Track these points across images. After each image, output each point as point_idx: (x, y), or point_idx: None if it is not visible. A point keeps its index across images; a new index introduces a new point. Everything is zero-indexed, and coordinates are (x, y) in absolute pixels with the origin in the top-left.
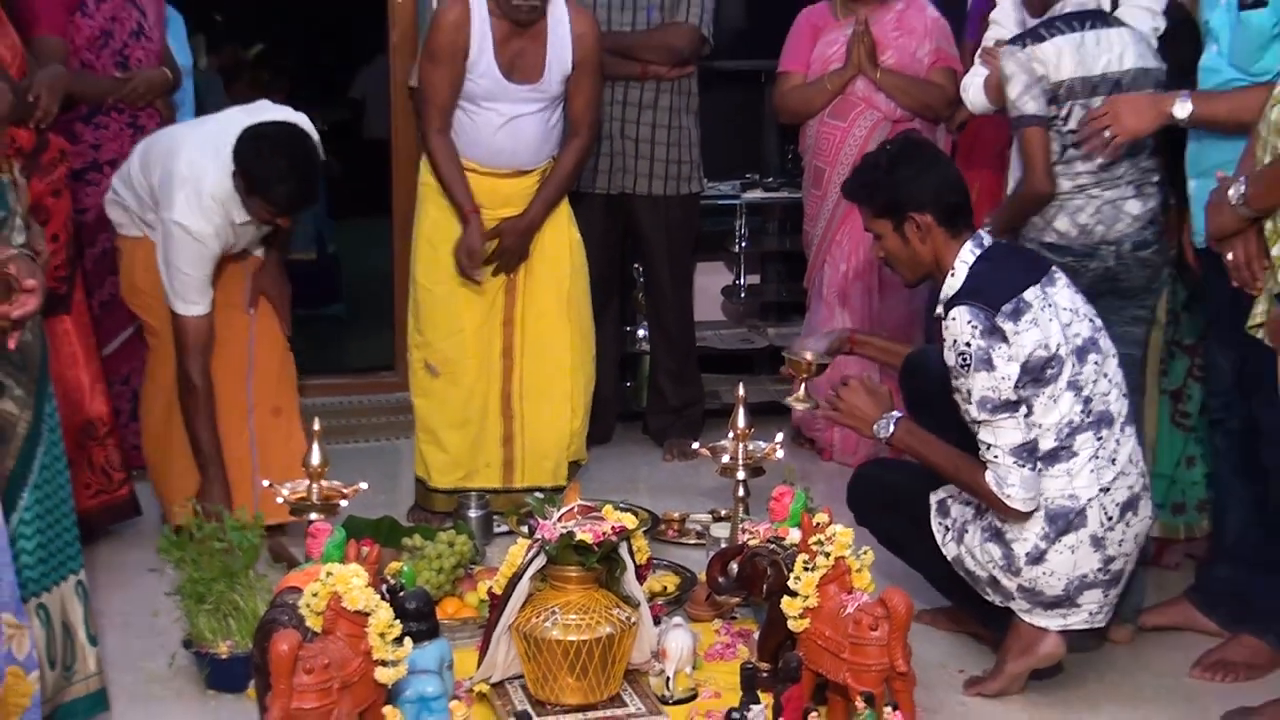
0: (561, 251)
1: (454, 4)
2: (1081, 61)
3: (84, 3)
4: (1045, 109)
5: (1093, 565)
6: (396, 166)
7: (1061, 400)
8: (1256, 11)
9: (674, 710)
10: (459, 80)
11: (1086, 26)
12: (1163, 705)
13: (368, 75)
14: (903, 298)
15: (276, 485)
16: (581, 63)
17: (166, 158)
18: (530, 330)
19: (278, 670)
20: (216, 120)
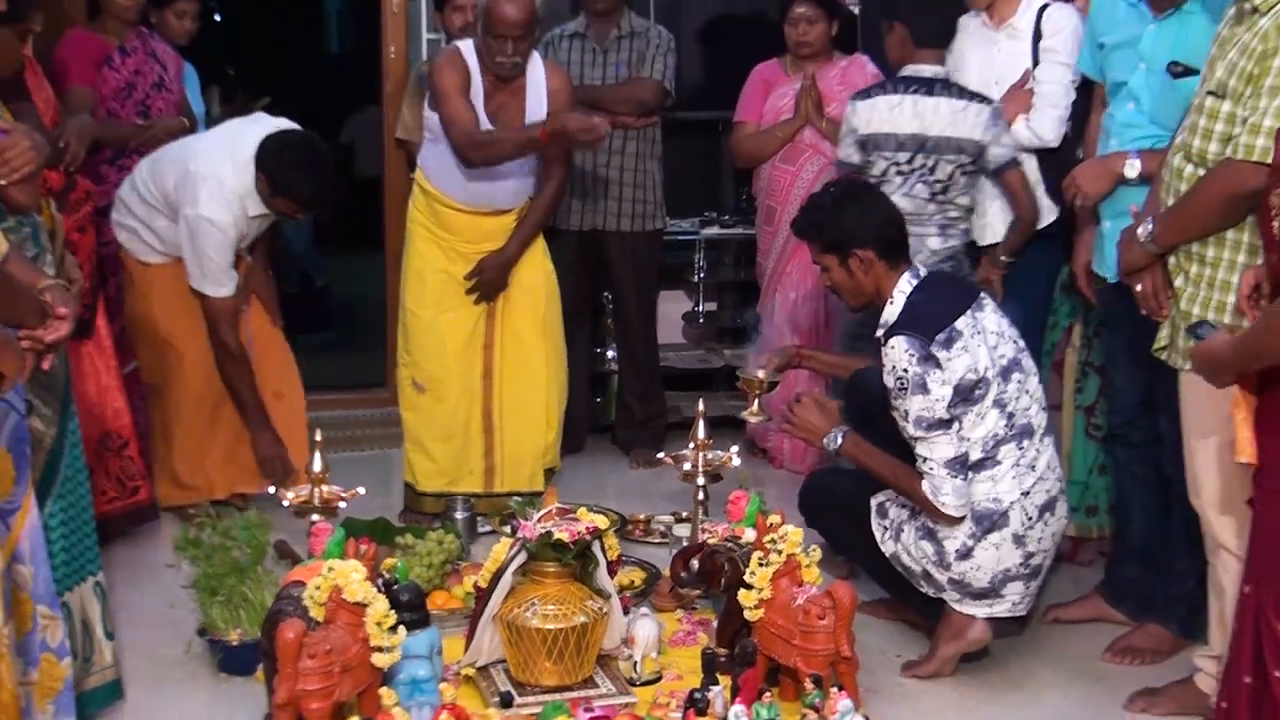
0: (537, 282)
1: (453, 55)
2: (890, 120)
3: (111, 58)
4: (851, 157)
5: (1015, 560)
6: (389, 206)
7: (988, 417)
8: (1189, 79)
9: (641, 691)
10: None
11: (911, 91)
12: (1078, 686)
13: (356, 122)
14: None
15: (282, 490)
16: (555, 114)
17: (179, 163)
18: (509, 353)
19: (284, 655)
20: (222, 129)
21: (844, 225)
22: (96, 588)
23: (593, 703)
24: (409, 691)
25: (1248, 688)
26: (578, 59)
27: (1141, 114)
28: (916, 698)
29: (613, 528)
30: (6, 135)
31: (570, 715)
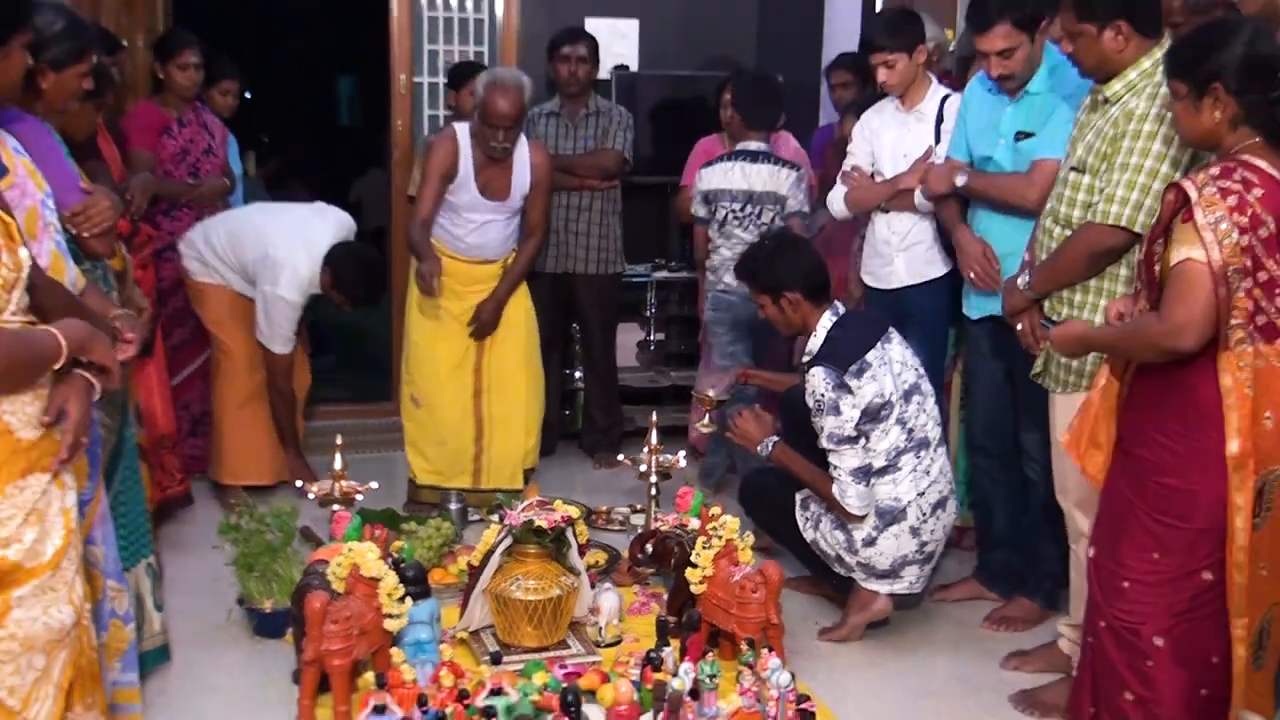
0: (519, 317)
1: (447, 139)
2: (726, 180)
3: (170, 128)
4: (699, 211)
5: (911, 548)
6: (395, 255)
7: (891, 432)
8: (1028, 140)
9: (605, 651)
10: (441, 196)
11: (742, 160)
12: (963, 648)
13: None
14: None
15: (308, 485)
16: (536, 185)
17: (260, 244)
18: (495, 375)
19: (311, 621)
20: (292, 214)
21: (776, 272)
22: (148, 568)
23: (566, 661)
24: (414, 651)
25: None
26: (553, 132)
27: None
28: (831, 657)
29: (581, 517)
30: (89, 196)
31: (548, 671)
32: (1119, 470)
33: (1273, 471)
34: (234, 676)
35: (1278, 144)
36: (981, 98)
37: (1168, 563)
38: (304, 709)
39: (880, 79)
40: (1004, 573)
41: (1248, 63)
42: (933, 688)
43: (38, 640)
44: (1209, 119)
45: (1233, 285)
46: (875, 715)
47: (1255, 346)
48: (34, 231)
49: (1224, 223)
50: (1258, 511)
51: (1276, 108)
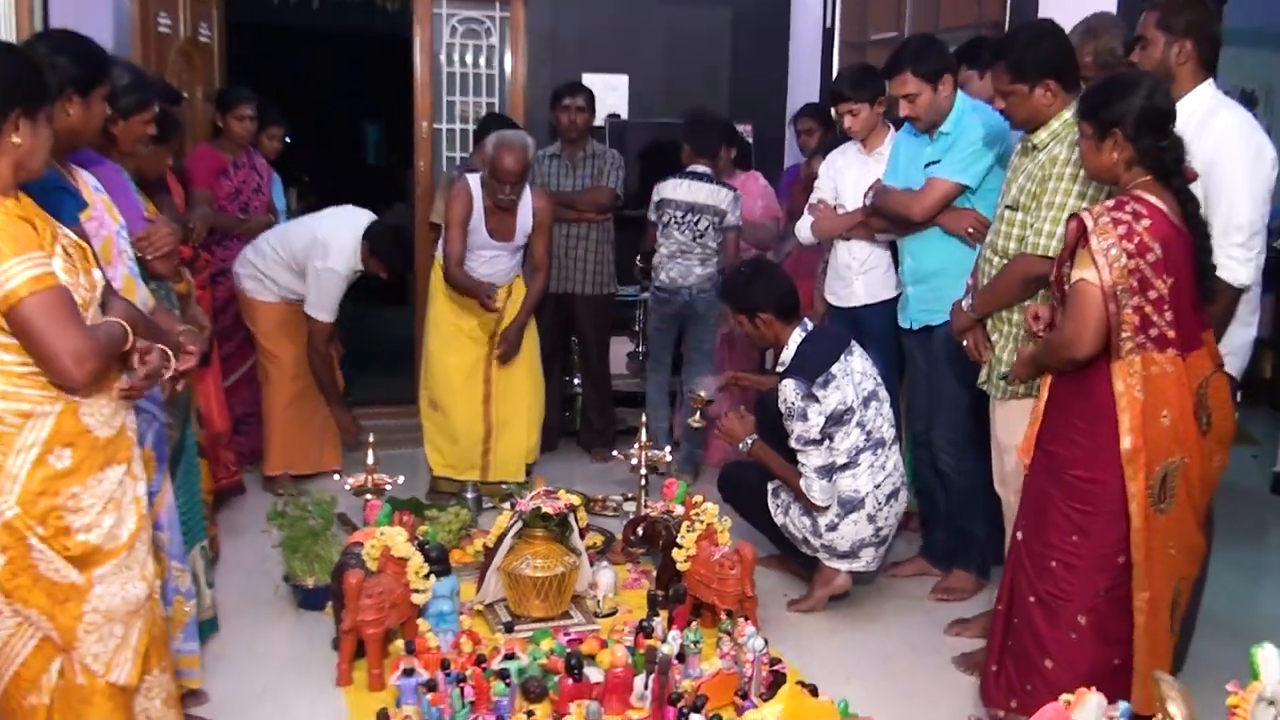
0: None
1: (462, 191)
2: (674, 192)
3: (226, 170)
4: (650, 215)
5: (868, 532)
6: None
7: (852, 434)
8: (935, 166)
9: (603, 621)
10: (465, 239)
11: (689, 178)
12: (911, 617)
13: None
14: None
15: (344, 475)
16: (538, 226)
17: (308, 232)
18: (501, 384)
19: (349, 595)
20: (332, 214)
21: (751, 295)
22: (203, 550)
23: (569, 629)
24: (437, 621)
25: (1000, 614)
26: (556, 172)
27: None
28: (799, 625)
29: (582, 505)
30: (151, 224)
31: (554, 638)
32: (1038, 464)
33: (1172, 462)
34: (281, 644)
35: (1166, 182)
36: (908, 140)
37: (1087, 546)
38: (343, 671)
39: (846, 125)
40: (945, 549)
41: (1144, 113)
42: (886, 650)
43: (117, 612)
44: (1108, 158)
45: (1121, 303)
46: (837, 675)
47: (1147, 355)
48: (109, 257)
49: (1114, 248)
50: (1162, 498)
51: (1165, 153)
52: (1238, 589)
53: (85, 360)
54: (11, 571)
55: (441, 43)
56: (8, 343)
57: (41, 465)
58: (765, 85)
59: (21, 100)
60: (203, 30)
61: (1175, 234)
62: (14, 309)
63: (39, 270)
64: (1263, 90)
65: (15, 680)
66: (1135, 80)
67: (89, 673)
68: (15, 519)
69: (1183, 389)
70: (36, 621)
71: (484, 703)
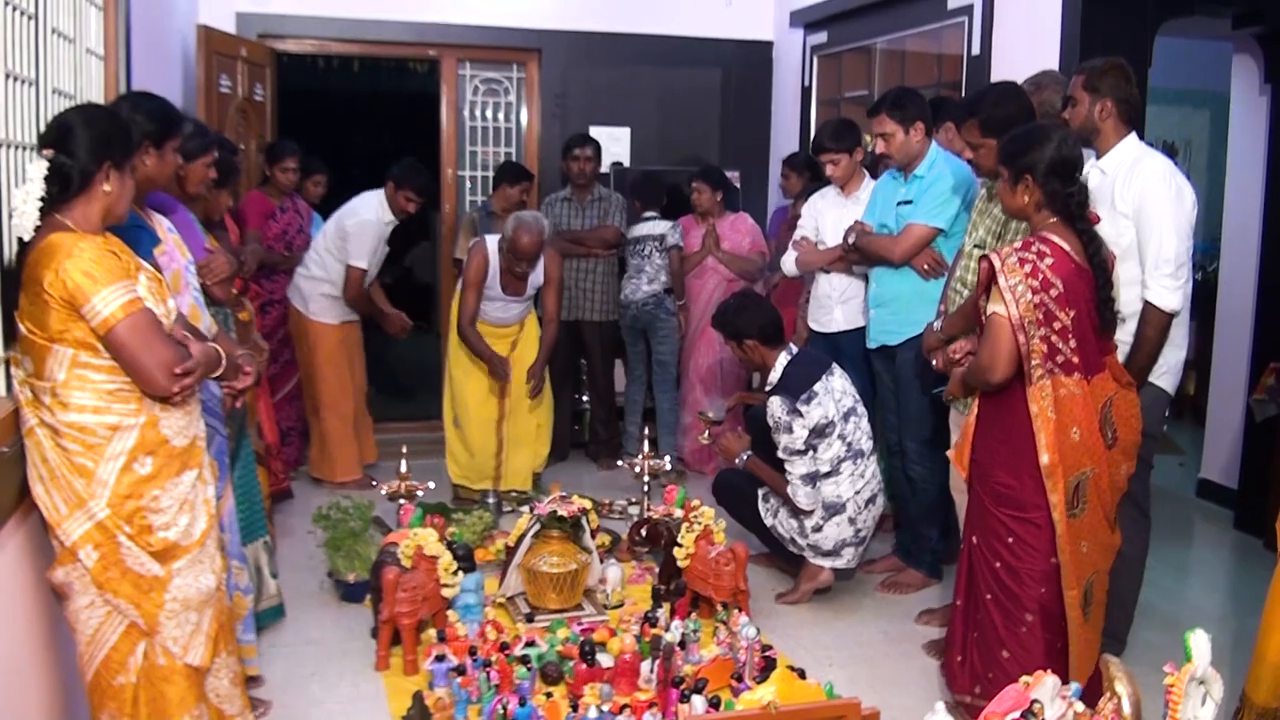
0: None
1: (480, 253)
2: (634, 232)
3: (275, 214)
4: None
5: (849, 534)
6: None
7: (834, 445)
8: (906, 206)
9: (612, 612)
10: (480, 298)
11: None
12: (886, 609)
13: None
14: (735, 376)
15: (379, 481)
16: (549, 281)
17: (332, 221)
18: (512, 406)
19: (387, 589)
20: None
21: (738, 323)
22: (265, 544)
23: (582, 619)
24: (464, 612)
25: (959, 609)
26: (566, 213)
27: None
28: (787, 616)
29: (592, 508)
30: (211, 254)
31: (568, 628)
32: (974, 474)
33: (1083, 473)
34: (326, 632)
35: (1072, 224)
36: (886, 182)
37: (1022, 549)
38: (381, 658)
39: (828, 173)
40: (911, 550)
41: (1053, 162)
42: (864, 639)
43: (192, 601)
44: (1020, 200)
45: (1030, 334)
46: (821, 660)
47: (1056, 379)
48: (178, 288)
49: (1020, 285)
50: (1075, 504)
51: (1070, 198)
52: (1169, 583)
53: (172, 373)
54: (103, 565)
55: (465, 100)
56: (99, 364)
57: (127, 472)
58: (751, 136)
59: (112, 154)
60: (257, 91)
61: (1077, 271)
62: (110, 332)
63: (129, 296)
64: (1182, 143)
65: (105, 662)
66: (1047, 132)
67: (169, 655)
68: (106, 519)
69: (1089, 408)
70: (124, 610)
71: (507, 685)
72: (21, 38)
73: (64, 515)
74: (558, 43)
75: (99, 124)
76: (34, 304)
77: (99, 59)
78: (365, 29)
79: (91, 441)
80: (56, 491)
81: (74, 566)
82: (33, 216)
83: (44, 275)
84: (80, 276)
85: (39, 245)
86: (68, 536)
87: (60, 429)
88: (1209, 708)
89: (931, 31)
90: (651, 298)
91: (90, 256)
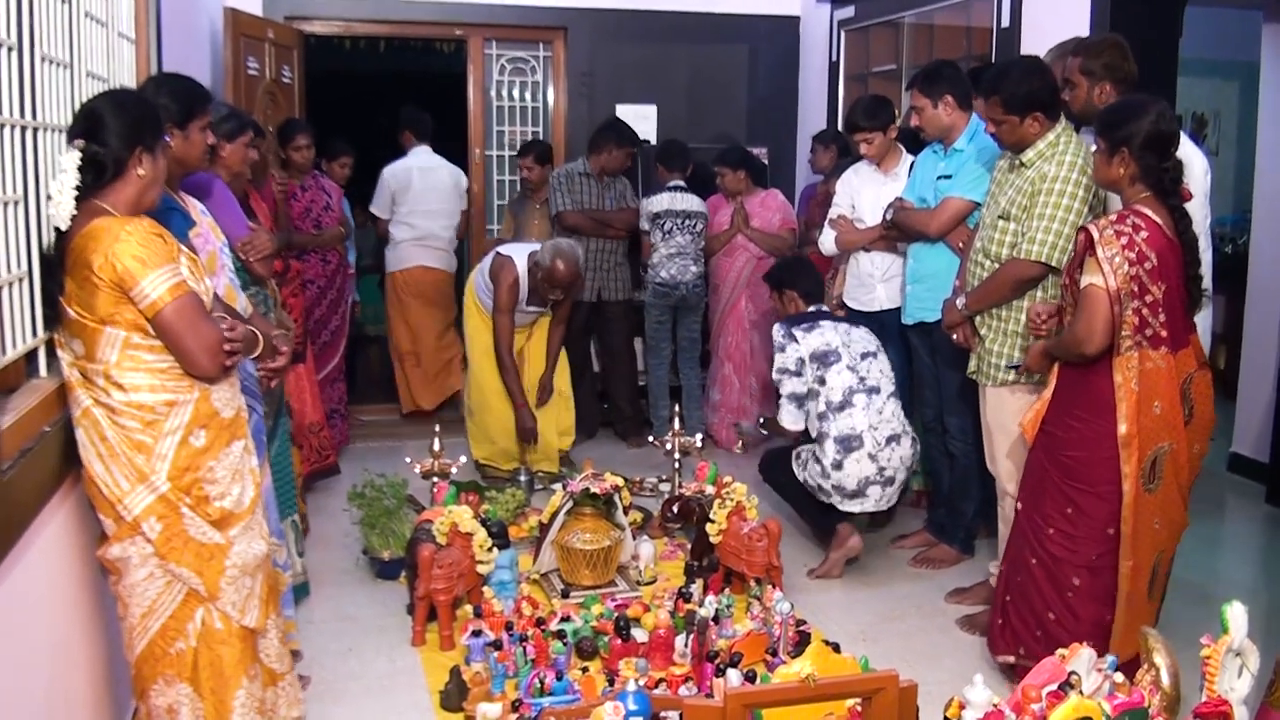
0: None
1: (511, 276)
2: (670, 204)
3: (295, 193)
4: (644, 225)
5: (872, 470)
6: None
7: (843, 374)
8: (945, 180)
9: (645, 588)
10: (514, 317)
11: (674, 191)
12: (918, 584)
13: None
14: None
15: (414, 458)
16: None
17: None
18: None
19: (422, 566)
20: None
21: (789, 277)
22: (293, 524)
23: (616, 595)
24: (499, 589)
25: (1002, 573)
26: (586, 190)
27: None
28: (820, 592)
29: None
30: (253, 232)
31: (602, 603)
32: (1039, 444)
33: (1161, 447)
34: (362, 609)
35: (1164, 199)
36: (926, 157)
37: (1081, 519)
38: (417, 633)
39: (863, 151)
40: (944, 525)
41: (1150, 136)
42: (896, 613)
43: (248, 566)
44: (1115, 171)
45: (1124, 305)
46: (853, 634)
47: (1143, 351)
48: (213, 269)
49: (1117, 257)
50: (1151, 479)
51: (1165, 173)
52: (1202, 558)
53: (217, 353)
54: (167, 536)
55: (492, 79)
56: (152, 344)
57: (184, 445)
58: (778, 112)
59: (143, 139)
60: (285, 73)
61: (1169, 246)
62: (158, 315)
63: (175, 279)
64: (1213, 113)
65: (162, 631)
66: (1146, 104)
67: (226, 619)
68: (168, 492)
69: (1172, 383)
70: (187, 578)
71: (544, 659)
72: (56, 22)
73: (126, 490)
74: (583, 20)
75: (128, 110)
76: (82, 288)
77: (130, 42)
78: (391, 9)
79: (149, 418)
80: (117, 468)
81: (132, 540)
82: (69, 206)
83: (93, 259)
84: (130, 260)
85: (82, 230)
86: (129, 511)
87: (117, 408)
88: (1245, 679)
89: (960, 4)
90: (700, 278)
91: (138, 239)
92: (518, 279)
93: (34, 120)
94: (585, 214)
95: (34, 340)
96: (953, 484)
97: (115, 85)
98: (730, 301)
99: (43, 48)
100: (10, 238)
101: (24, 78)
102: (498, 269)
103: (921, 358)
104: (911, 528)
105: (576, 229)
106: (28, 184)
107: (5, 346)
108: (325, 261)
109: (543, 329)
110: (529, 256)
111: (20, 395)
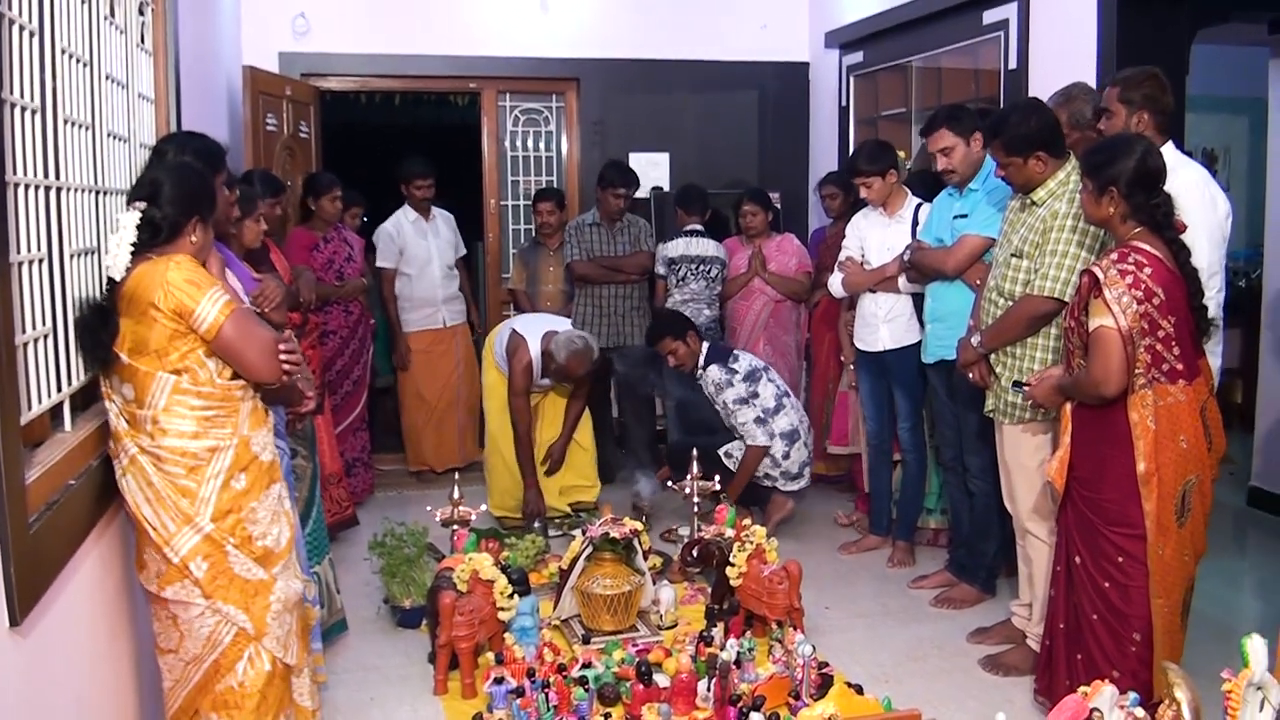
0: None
1: (524, 359)
2: (686, 249)
3: (318, 244)
4: (659, 269)
5: (805, 456)
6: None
7: (769, 385)
8: (961, 220)
9: (666, 633)
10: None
11: (687, 235)
12: (939, 625)
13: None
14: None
15: (434, 508)
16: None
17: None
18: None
19: (444, 613)
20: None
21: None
22: (330, 563)
23: (636, 641)
24: (520, 635)
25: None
26: (597, 239)
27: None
28: (842, 632)
29: (644, 530)
30: (262, 281)
31: (624, 649)
32: (1075, 492)
33: (1189, 481)
34: (384, 658)
35: (1158, 233)
36: (944, 200)
37: (1133, 567)
38: (439, 682)
39: (863, 195)
40: (964, 565)
41: (1137, 173)
42: (919, 654)
43: (289, 602)
44: (1105, 210)
45: (1136, 344)
46: (877, 675)
47: (1160, 387)
48: None
49: (1125, 296)
50: (1181, 513)
51: (1156, 209)
52: (1222, 592)
53: (273, 355)
54: (213, 575)
55: (505, 130)
56: (202, 390)
57: (226, 489)
58: (790, 157)
59: (200, 209)
60: (302, 128)
61: (1173, 279)
62: (220, 332)
63: (225, 298)
64: (1222, 149)
65: (215, 666)
66: (1130, 143)
67: (271, 656)
68: (213, 532)
69: (1194, 414)
70: (233, 616)
71: (566, 706)
72: (78, 85)
73: (173, 532)
74: (596, 71)
75: (189, 181)
76: (139, 323)
77: (150, 102)
78: (406, 64)
79: (192, 464)
80: (164, 511)
81: (182, 584)
82: (125, 259)
83: (152, 294)
84: (185, 285)
85: (133, 275)
86: (177, 552)
87: (162, 455)
88: (1267, 713)
89: (968, 47)
90: (715, 321)
91: (189, 266)
92: (531, 364)
93: (57, 180)
94: (594, 262)
95: (59, 394)
96: (973, 523)
97: (136, 145)
98: (748, 344)
99: (65, 110)
100: (35, 295)
101: (46, 139)
102: (513, 349)
103: (940, 396)
104: (932, 568)
105: (586, 278)
106: (50, 243)
107: (31, 401)
108: (347, 312)
109: (561, 388)
110: (543, 340)
111: (46, 449)
